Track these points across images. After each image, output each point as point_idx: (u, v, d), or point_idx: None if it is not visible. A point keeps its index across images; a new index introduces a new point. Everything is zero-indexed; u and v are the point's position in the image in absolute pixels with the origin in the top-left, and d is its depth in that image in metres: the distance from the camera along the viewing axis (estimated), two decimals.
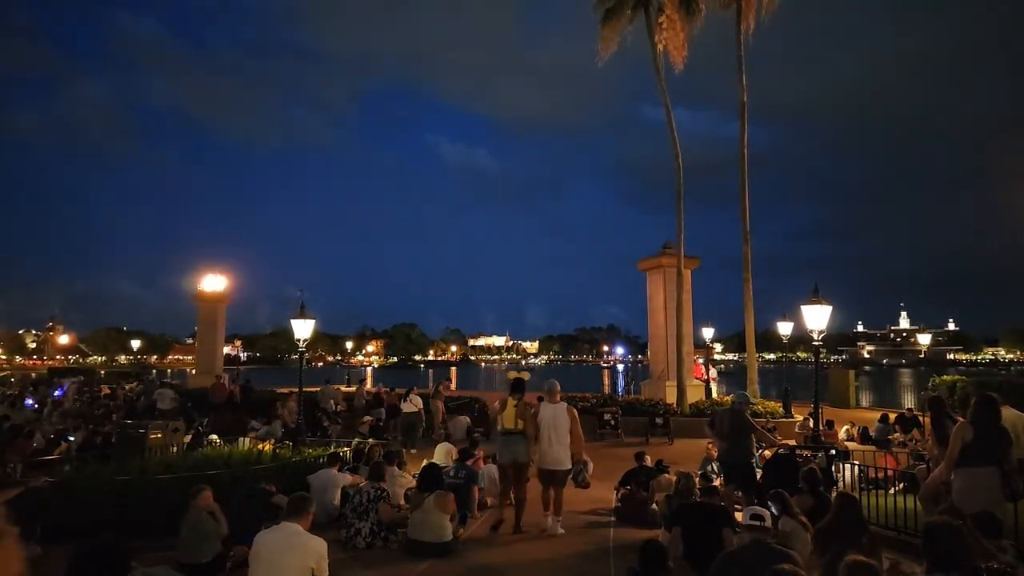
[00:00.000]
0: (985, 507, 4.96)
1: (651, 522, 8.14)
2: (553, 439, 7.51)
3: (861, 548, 3.94)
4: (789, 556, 4.26)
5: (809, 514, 6.44)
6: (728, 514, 6.28)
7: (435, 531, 7.00)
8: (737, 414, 8.57)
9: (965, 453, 5.92)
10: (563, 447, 7.55)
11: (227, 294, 28.68)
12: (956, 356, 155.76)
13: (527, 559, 6.96)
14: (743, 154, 21.32)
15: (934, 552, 3.50)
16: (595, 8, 21.33)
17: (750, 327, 21.42)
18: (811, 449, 10.45)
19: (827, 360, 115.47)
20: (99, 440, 13.22)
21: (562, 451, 7.54)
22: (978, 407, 6.09)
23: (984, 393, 6.46)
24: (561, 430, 7.51)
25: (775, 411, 18.16)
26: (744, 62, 21.18)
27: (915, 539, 6.35)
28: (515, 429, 7.54)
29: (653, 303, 22.09)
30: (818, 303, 11.84)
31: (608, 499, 9.61)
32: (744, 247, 21.24)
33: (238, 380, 24.30)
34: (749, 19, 20.81)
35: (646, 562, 4.66)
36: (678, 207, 20.58)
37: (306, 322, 14.30)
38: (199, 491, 6.42)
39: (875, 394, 43.68)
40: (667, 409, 18.38)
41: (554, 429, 7.49)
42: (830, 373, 28.68)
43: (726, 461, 8.74)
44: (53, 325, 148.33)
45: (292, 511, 4.85)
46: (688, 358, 20.49)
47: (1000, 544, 4.38)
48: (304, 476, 8.75)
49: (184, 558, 6.13)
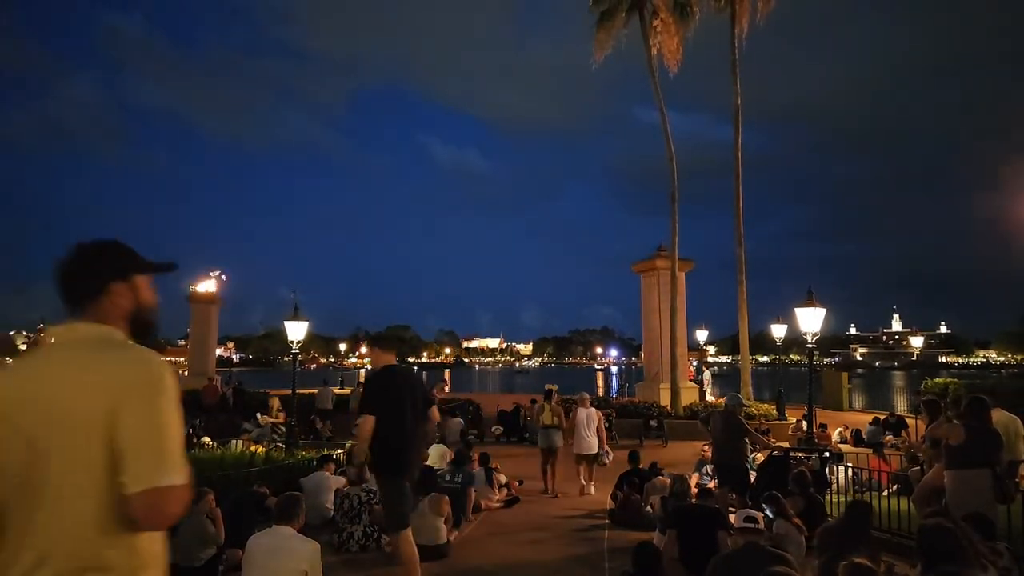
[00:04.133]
0: (977, 509, 4.97)
1: (646, 524, 8.13)
2: (586, 433, 10.25)
3: (862, 554, 3.93)
4: (783, 558, 4.26)
5: (801, 516, 6.46)
6: (723, 516, 6.28)
7: (429, 534, 6.97)
8: (731, 416, 8.58)
9: (957, 455, 5.94)
10: (593, 438, 10.29)
11: (219, 296, 28.58)
12: (948, 359, 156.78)
13: (522, 562, 6.95)
14: (737, 157, 21.38)
15: (928, 553, 3.51)
16: (590, 11, 21.43)
17: (744, 329, 21.47)
18: (805, 451, 10.47)
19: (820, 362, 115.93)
20: None
21: (593, 440, 10.28)
22: (969, 408, 6.11)
23: (975, 395, 6.49)
24: (592, 426, 10.34)
25: (769, 413, 18.21)
26: (738, 65, 21.26)
27: (908, 541, 6.37)
28: (552, 424, 10.35)
29: (647, 305, 22.13)
30: (812, 306, 11.88)
31: (603, 502, 9.62)
32: (738, 250, 21.31)
33: (230, 382, 24.21)
34: (743, 23, 20.88)
35: (640, 564, 4.66)
36: (672, 209, 20.65)
37: (299, 324, 14.24)
38: (201, 494, 6.36)
39: (868, 396, 43.88)
40: (661, 411, 18.41)
41: (587, 426, 10.28)
42: (823, 375, 28.78)
43: (720, 463, 8.77)
44: (44, 327, 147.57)
45: (282, 514, 4.78)
46: (682, 360, 20.53)
47: (994, 546, 4.39)
48: (297, 478, 8.71)
49: (179, 561, 6.08)
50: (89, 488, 1.43)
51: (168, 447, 1.48)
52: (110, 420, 1.44)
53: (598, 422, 10.44)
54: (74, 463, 1.43)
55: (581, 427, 10.25)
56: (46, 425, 1.43)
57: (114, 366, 1.50)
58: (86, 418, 1.44)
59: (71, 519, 1.42)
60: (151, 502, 1.42)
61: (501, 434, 17.73)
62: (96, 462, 1.43)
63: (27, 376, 1.52)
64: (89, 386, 1.46)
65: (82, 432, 1.43)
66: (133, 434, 1.44)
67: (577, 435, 10.29)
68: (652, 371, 21.57)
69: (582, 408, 10.47)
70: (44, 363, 1.54)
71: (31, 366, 1.56)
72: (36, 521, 1.41)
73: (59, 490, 1.42)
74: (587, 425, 10.28)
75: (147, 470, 1.43)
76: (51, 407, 1.44)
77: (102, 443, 1.43)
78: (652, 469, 9.84)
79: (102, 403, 1.44)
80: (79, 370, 1.49)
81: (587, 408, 10.52)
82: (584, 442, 10.26)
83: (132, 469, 1.43)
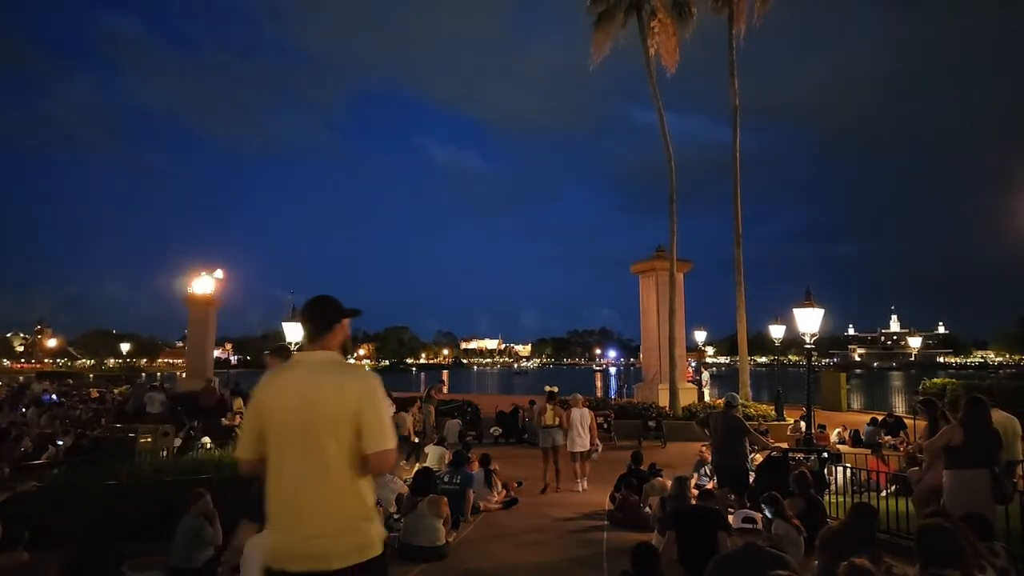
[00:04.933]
0: (975, 509, 4.97)
1: (644, 525, 8.14)
2: (581, 431, 10.94)
3: (864, 556, 3.93)
4: (782, 559, 4.26)
5: (800, 517, 6.46)
6: (722, 517, 6.28)
7: (428, 535, 6.98)
8: (730, 417, 8.59)
9: (956, 455, 5.94)
10: (587, 436, 10.99)
11: (217, 297, 28.51)
12: (946, 359, 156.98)
13: (521, 563, 6.94)
14: (736, 157, 21.41)
15: (927, 554, 3.51)
16: (588, 11, 21.42)
17: (742, 330, 21.49)
18: (803, 452, 10.48)
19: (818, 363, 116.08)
20: (87, 444, 13.10)
21: (586, 438, 10.99)
22: (968, 409, 6.09)
23: (974, 395, 6.49)
24: (585, 425, 11.04)
25: (767, 414, 18.23)
26: (736, 66, 21.29)
27: (907, 541, 6.37)
28: (553, 424, 10.94)
29: (646, 306, 22.14)
30: (810, 306, 11.88)
31: (601, 503, 9.62)
32: (736, 250, 21.33)
33: (228, 384, 24.19)
34: (741, 23, 20.93)
35: (639, 565, 4.65)
36: (671, 210, 20.66)
37: (298, 325, 14.23)
38: (199, 496, 6.33)
39: (866, 397, 43.94)
40: (660, 412, 18.41)
41: (581, 424, 10.98)
42: (822, 376, 28.83)
43: (719, 464, 8.77)
44: (42, 328, 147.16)
45: None
46: (681, 361, 20.53)
47: (992, 547, 4.39)
48: None
49: (177, 563, 6.07)
50: (344, 449, 2.49)
51: (385, 427, 2.55)
52: (356, 413, 2.49)
53: (591, 421, 11.16)
54: (338, 436, 2.48)
55: (576, 426, 10.95)
56: (315, 414, 2.48)
57: (354, 381, 2.57)
58: (344, 412, 2.49)
59: (335, 468, 2.49)
60: (378, 458, 2.51)
61: (500, 435, 17.72)
62: (349, 435, 2.49)
63: (297, 383, 2.57)
64: (344, 392, 2.52)
65: (343, 421, 2.49)
66: (368, 420, 2.50)
67: (571, 433, 10.93)
68: (651, 372, 21.57)
69: (575, 408, 11.18)
70: (307, 375, 2.58)
71: (298, 375, 2.61)
72: (311, 467, 2.48)
73: (326, 451, 2.48)
74: (581, 424, 11.00)
75: (376, 440, 2.50)
76: (319, 406, 2.49)
77: (352, 426, 2.49)
78: (651, 470, 9.85)
79: (352, 404, 2.50)
80: (334, 383, 2.54)
81: (580, 408, 11.24)
82: (578, 440, 10.94)
83: (368, 440, 2.49)
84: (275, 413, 2.56)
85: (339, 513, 2.50)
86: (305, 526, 2.46)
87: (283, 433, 2.52)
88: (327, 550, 2.45)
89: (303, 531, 2.47)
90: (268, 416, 2.57)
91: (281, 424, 2.52)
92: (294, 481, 2.50)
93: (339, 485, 2.50)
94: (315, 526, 2.46)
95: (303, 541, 2.46)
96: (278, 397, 2.58)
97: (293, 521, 2.49)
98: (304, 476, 2.48)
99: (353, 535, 2.51)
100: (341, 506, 2.50)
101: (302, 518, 2.47)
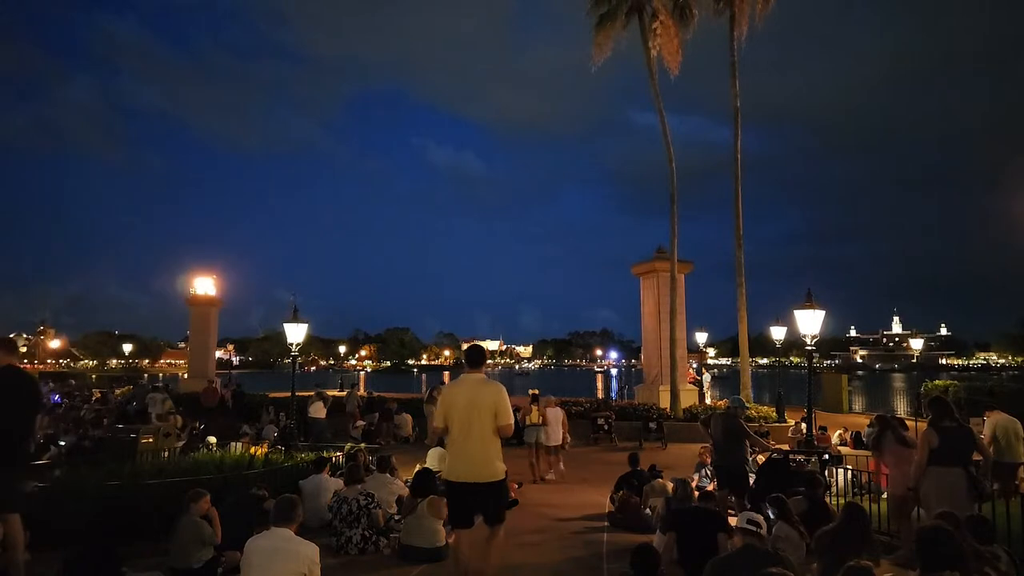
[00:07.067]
0: (950, 508, 5.01)
1: (645, 527, 8.13)
2: (555, 428, 12.74)
3: (862, 557, 3.93)
4: (781, 560, 4.26)
5: (801, 517, 6.45)
6: (722, 518, 6.28)
7: (428, 536, 6.97)
8: (731, 419, 8.58)
9: (932, 457, 6.08)
10: (560, 431, 12.85)
11: (219, 298, 28.55)
12: (948, 361, 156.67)
13: (520, 564, 6.92)
14: (737, 158, 21.40)
15: (927, 556, 3.50)
16: (589, 13, 21.41)
17: (743, 331, 21.45)
18: (804, 454, 10.47)
19: (820, 365, 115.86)
20: (89, 444, 13.12)
21: (559, 433, 12.85)
22: (933, 411, 6.31)
23: (934, 396, 6.62)
24: (558, 423, 12.88)
25: (768, 416, 18.21)
26: (737, 67, 21.28)
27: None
28: (536, 422, 12.69)
29: (646, 307, 22.12)
30: (811, 308, 11.88)
31: (602, 504, 9.62)
32: (737, 252, 21.31)
33: (230, 385, 24.21)
34: (742, 25, 20.91)
35: (638, 566, 4.65)
36: (672, 211, 20.65)
37: (299, 326, 14.24)
38: (198, 496, 6.33)
39: (867, 398, 43.89)
40: (661, 413, 18.41)
41: (556, 423, 12.79)
42: (823, 378, 28.79)
43: (720, 465, 8.76)
44: (44, 329, 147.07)
45: (280, 515, 4.73)
46: (682, 362, 20.51)
47: (992, 549, 4.39)
48: (296, 481, 8.69)
49: (176, 563, 6.07)
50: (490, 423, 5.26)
51: (508, 411, 5.33)
52: (493, 403, 5.27)
53: (563, 419, 13.07)
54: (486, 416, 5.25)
55: (552, 424, 12.73)
56: (478, 406, 5.24)
57: (492, 388, 5.39)
58: (489, 403, 5.26)
59: (485, 431, 5.28)
60: (505, 428, 5.32)
61: None
62: (490, 416, 5.26)
63: (467, 390, 5.35)
64: (491, 395, 5.31)
65: (487, 409, 5.25)
66: (501, 408, 5.28)
67: (548, 430, 12.72)
68: (651, 373, 21.55)
69: (550, 408, 13.05)
70: (473, 386, 5.37)
71: (468, 386, 5.38)
72: (474, 431, 5.23)
73: (482, 424, 5.25)
74: (556, 422, 12.85)
75: (503, 418, 5.29)
76: (481, 401, 5.26)
77: (492, 411, 5.25)
78: (651, 471, 9.84)
79: (493, 400, 5.28)
80: (484, 389, 5.35)
81: (554, 408, 13.18)
82: (553, 435, 12.73)
83: (500, 417, 5.28)
84: (456, 403, 5.28)
85: (485, 454, 5.21)
86: (469, 460, 5.21)
87: (459, 415, 5.24)
88: (480, 473, 5.18)
89: (468, 462, 5.21)
90: (452, 405, 5.29)
91: (458, 409, 5.26)
92: (464, 438, 5.21)
93: (486, 440, 5.22)
94: (473, 461, 5.20)
95: (468, 467, 5.20)
96: (457, 395, 5.32)
97: (463, 458, 5.23)
98: (469, 435, 5.20)
99: (491, 466, 5.23)
100: (486, 451, 5.22)
101: (469, 456, 5.22)
